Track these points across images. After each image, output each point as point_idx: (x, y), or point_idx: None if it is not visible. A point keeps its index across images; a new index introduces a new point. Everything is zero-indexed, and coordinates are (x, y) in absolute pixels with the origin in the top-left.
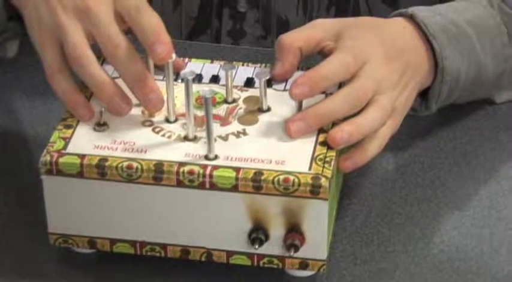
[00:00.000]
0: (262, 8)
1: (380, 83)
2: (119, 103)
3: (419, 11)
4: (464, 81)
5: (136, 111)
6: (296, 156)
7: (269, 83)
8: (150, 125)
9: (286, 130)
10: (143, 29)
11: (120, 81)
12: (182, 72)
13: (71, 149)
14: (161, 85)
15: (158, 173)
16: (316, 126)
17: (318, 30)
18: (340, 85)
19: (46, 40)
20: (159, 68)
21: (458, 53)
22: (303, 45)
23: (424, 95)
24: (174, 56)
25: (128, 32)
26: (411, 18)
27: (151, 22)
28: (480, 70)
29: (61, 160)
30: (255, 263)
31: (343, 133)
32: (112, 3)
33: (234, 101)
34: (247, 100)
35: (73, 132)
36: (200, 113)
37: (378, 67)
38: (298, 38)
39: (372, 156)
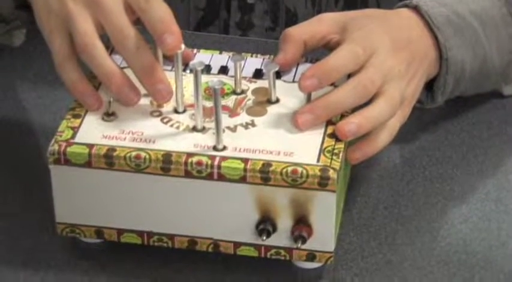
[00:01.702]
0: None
1: (388, 73)
2: (127, 93)
3: (424, 2)
4: (469, 72)
5: (144, 101)
6: (304, 148)
7: (278, 75)
8: (158, 115)
9: (294, 122)
10: (152, 19)
11: (128, 72)
12: (191, 63)
13: (79, 138)
14: (170, 76)
15: (166, 164)
16: (324, 117)
17: (324, 24)
18: (349, 76)
19: (54, 29)
20: (168, 59)
21: (463, 44)
22: (308, 38)
23: (430, 87)
24: (183, 46)
25: (137, 23)
26: (416, 9)
27: (161, 12)
28: (486, 61)
29: (69, 150)
30: (262, 255)
31: (352, 125)
32: None
33: (243, 92)
34: (255, 91)
35: (81, 122)
36: (209, 104)
37: (386, 57)
38: (303, 31)
39: (381, 147)
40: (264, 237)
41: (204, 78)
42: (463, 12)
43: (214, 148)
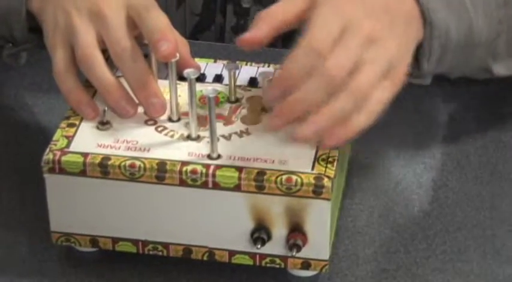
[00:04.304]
0: (266, 3)
1: (359, 54)
2: (124, 106)
3: None
4: (456, 41)
5: (139, 110)
6: (299, 156)
7: None
8: (153, 124)
9: (267, 126)
10: (150, 26)
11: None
12: (185, 72)
13: (73, 147)
14: (164, 84)
15: (161, 172)
16: (293, 117)
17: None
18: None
19: (58, 40)
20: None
21: (447, 9)
22: (283, 17)
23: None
24: (178, 55)
25: (140, 39)
26: None
27: (159, 21)
28: (472, 29)
29: (64, 158)
30: (257, 263)
31: (309, 125)
32: (124, 8)
33: (237, 100)
34: (250, 100)
35: (76, 131)
36: (203, 113)
37: (359, 30)
38: (278, 11)
39: (359, 130)
40: (259, 246)
41: (199, 87)
42: None
43: (209, 156)
